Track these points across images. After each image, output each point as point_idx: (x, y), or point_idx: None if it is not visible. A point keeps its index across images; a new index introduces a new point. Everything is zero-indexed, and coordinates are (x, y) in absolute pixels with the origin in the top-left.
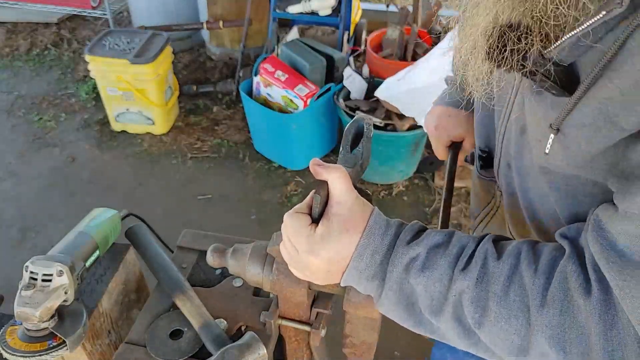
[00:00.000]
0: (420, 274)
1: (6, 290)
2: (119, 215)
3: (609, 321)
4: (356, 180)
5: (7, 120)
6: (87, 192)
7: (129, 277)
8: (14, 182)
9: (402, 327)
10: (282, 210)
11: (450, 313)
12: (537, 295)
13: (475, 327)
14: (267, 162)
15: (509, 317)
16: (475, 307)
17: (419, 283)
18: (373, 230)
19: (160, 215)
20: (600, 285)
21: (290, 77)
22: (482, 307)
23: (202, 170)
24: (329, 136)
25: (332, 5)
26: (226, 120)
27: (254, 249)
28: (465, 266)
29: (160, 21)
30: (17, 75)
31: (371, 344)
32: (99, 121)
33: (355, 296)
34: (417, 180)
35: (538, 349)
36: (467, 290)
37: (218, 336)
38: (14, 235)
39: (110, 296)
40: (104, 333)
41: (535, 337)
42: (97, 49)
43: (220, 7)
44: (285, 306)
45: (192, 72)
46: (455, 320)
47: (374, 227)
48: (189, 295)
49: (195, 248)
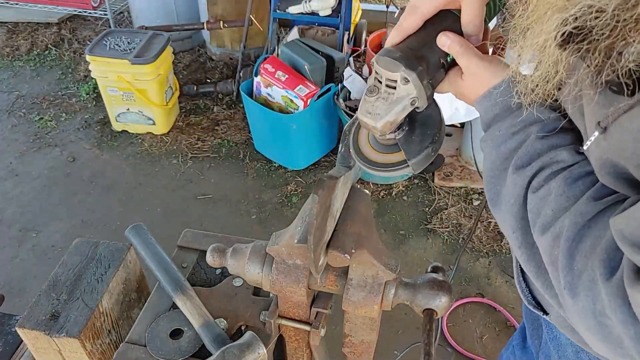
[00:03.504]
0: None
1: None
2: None
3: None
4: (355, 179)
5: (7, 120)
6: (87, 192)
7: (130, 277)
8: (14, 181)
9: (402, 327)
10: (282, 210)
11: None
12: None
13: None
14: (267, 162)
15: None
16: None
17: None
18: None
19: (160, 215)
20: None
21: (290, 78)
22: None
23: (202, 170)
24: (329, 136)
25: (332, 6)
26: (226, 121)
27: (253, 248)
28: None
29: (161, 21)
30: (17, 75)
31: (370, 344)
32: (99, 121)
33: (354, 295)
34: (417, 180)
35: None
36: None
37: (218, 336)
38: (14, 235)
39: (111, 296)
40: (105, 332)
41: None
42: (98, 49)
43: (220, 8)
44: (285, 306)
45: (192, 73)
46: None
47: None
48: (189, 295)
49: (196, 248)
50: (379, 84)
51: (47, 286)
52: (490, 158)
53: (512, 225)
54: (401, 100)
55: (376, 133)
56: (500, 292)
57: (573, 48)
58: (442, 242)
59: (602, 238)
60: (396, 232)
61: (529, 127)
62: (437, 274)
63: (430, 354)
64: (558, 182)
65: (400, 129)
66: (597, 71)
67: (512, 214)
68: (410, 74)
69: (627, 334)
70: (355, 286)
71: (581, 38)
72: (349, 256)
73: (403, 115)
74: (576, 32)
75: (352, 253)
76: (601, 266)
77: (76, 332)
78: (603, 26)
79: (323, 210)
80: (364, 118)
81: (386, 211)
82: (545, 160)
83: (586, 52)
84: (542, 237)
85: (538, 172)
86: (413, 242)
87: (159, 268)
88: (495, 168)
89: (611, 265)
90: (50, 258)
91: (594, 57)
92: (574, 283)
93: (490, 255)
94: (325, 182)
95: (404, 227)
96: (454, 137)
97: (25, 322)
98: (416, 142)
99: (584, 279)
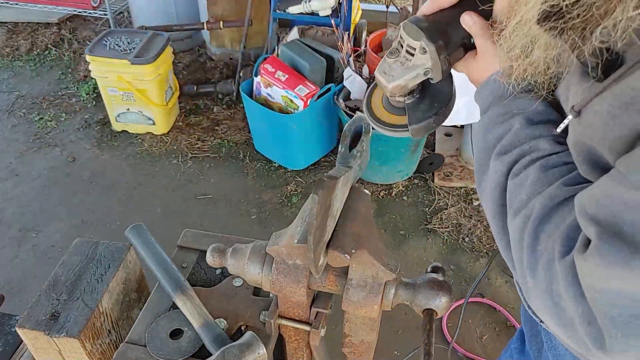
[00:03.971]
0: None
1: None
2: None
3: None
4: (355, 179)
5: (7, 120)
6: (87, 192)
7: (130, 277)
8: (14, 181)
9: (401, 327)
10: (282, 210)
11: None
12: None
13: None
14: (267, 162)
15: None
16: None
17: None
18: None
19: (160, 215)
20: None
21: (290, 78)
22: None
23: (202, 170)
24: (329, 136)
25: (332, 6)
26: (226, 121)
27: (253, 248)
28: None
29: (161, 21)
30: (17, 75)
31: (370, 344)
32: (99, 121)
33: (354, 295)
34: (416, 180)
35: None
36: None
37: (218, 336)
38: (14, 235)
39: (111, 296)
40: (105, 332)
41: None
42: (98, 49)
43: (220, 8)
44: (285, 306)
45: (192, 73)
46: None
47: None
48: (189, 295)
49: (196, 248)
50: (400, 47)
51: (47, 286)
52: (479, 146)
53: (492, 210)
54: (416, 68)
55: (387, 93)
56: (500, 292)
57: (550, 26)
58: (442, 242)
59: (566, 219)
60: (396, 232)
61: (515, 116)
62: (437, 274)
63: (430, 354)
64: (535, 169)
65: (411, 95)
66: (572, 49)
67: (493, 200)
68: (429, 45)
69: (576, 312)
70: (355, 286)
71: (558, 16)
72: (349, 256)
73: (415, 83)
74: (553, 12)
75: (352, 253)
76: (559, 244)
77: (76, 332)
78: (576, 6)
79: (323, 210)
80: (378, 76)
81: (386, 211)
82: (526, 148)
83: (562, 31)
84: (514, 221)
85: (518, 159)
86: (413, 242)
87: (159, 268)
88: (482, 156)
89: (569, 244)
90: (50, 258)
91: (569, 36)
92: (534, 263)
93: (490, 255)
94: (325, 182)
95: (404, 227)
96: (454, 137)
97: (25, 322)
98: (422, 111)
99: (544, 260)
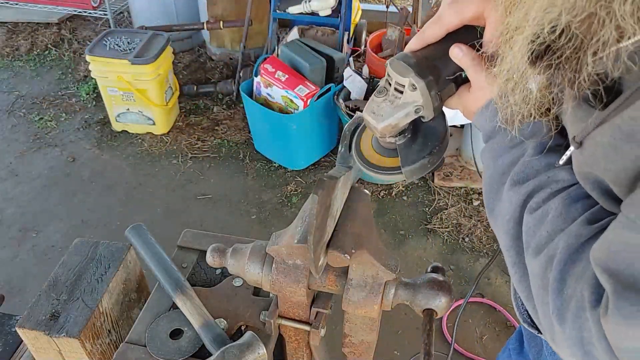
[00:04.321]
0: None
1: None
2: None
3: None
4: (355, 179)
5: (7, 120)
6: (87, 192)
7: (130, 277)
8: (14, 181)
9: (401, 327)
10: (282, 210)
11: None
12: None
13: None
14: (267, 162)
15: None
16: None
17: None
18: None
19: (160, 215)
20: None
21: (290, 78)
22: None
23: (202, 170)
24: (329, 136)
25: (332, 6)
26: (226, 121)
27: (253, 248)
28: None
29: (161, 21)
30: (17, 75)
31: (370, 344)
32: (99, 121)
33: (354, 295)
34: (417, 181)
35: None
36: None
37: (218, 336)
38: (14, 235)
39: (111, 296)
40: (105, 332)
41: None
42: (98, 49)
43: (220, 8)
44: (285, 306)
45: (192, 73)
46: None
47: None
48: (189, 295)
49: (196, 248)
50: (388, 86)
51: (47, 286)
52: (489, 171)
53: (506, 243)
54: (406, 106)
55: (377, 134)
56: (500, 292)
57: (544, 65)
58: (442, 242)
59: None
60: (396, 232)
61: (526, 142)
62: (437, 274)
63: (430, 354)
64: (556, 203)
65: (403, 135)
66: (569, 85)
67: (507, 232)
68: (418, 81)
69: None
70: (355, 286)
71: (550, 54)
72: (349, 256)
73: (406, 122)
74: (543, 49)
75: (352, 253)
76: (589, 292)
77: (76, 332)
78: (563, 40)
79: (323, 210)
80: (367, 117)
81: (386, 211)
82: (543, 179)
83: (557, 67)
84: (535, 260)
85: (535, 191)
86: (413, 242)
87: (159, 268)
88: (493, 182)
89: (599, 292)
90: (50, 258)
91: (564, 71)
92: (562, 309)
93: (490, 255)
94: (325, 182)
95: (404, 227)
96: (454, 137)
97: (25, 322)
98: (414, 151)
99: (572, 306)
